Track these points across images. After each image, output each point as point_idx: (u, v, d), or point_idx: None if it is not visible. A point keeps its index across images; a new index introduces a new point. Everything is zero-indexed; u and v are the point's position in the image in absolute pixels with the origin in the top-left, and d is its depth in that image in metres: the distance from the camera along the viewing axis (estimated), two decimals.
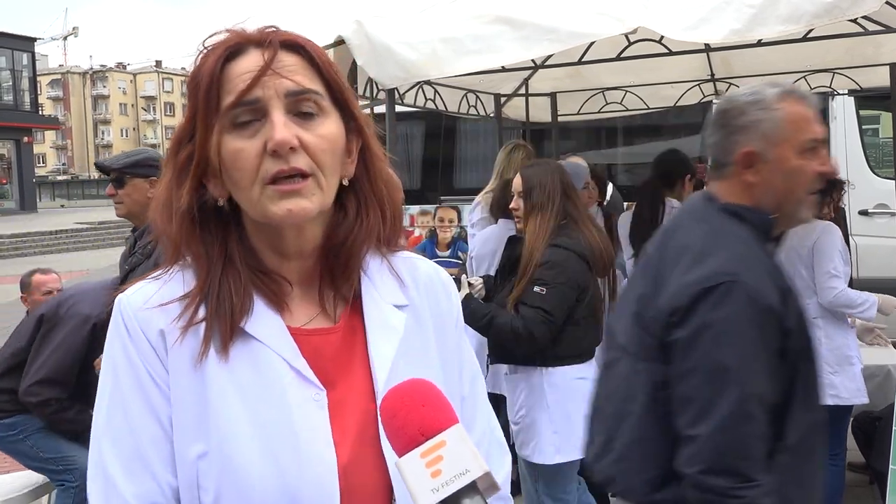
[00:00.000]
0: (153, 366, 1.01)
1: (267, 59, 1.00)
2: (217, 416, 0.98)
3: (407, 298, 1.13)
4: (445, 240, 7.85)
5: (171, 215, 1.04)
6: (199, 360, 0.99)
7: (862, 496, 4.55)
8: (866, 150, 7.17)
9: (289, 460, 0.98)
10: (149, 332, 1.01)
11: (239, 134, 1.00)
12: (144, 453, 0.99)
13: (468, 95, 5.69)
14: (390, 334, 1.09)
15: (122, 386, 1.01)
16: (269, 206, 0.99)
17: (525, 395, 3.30)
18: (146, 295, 1.04)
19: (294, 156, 0.99)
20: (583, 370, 3.27)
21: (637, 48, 4.02)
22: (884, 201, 6.88)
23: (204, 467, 0.97)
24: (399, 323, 1.10)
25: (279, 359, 1.02)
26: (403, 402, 0.88)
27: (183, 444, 0.99)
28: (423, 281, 1.17)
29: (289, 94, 1.00)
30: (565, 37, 3.04)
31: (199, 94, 1.01)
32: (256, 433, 0.98)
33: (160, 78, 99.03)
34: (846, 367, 3.69)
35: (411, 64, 3.28)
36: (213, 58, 1.02)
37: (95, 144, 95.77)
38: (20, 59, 34.80)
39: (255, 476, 0.96)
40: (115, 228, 27.11)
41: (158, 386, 1.01)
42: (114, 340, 1.03)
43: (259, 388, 1.00)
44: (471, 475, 0.82)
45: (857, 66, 5.36)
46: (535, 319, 3.13)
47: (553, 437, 3.22)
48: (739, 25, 2.72)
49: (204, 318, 1.01)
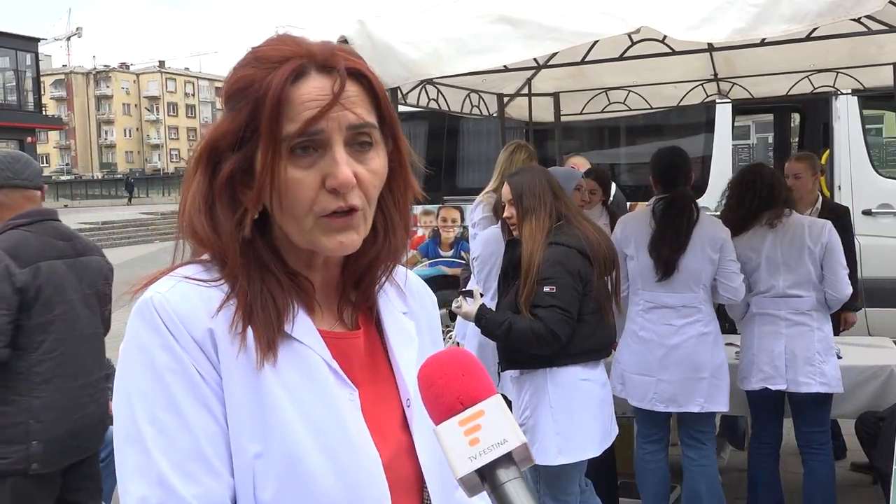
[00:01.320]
0: (201, 364, 0.97)
1: (336, 91, 0.98)
2: (273, 416, 0.97)
3: (406, 306, 1.18)
4: (448, 240, 7.86)
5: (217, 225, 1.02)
6: (259, 366, 0.98)
7: (865, 496, 4.54)
8: (870, 149, 7.17)
9: (344, 455, 0.99)
10: (194, 331, 0.98)
11: (295, 163, 0.98)
12: (203, 452, 0.95)
13: (471, 95, 5.69)
14: (409, 341, 1.13)
15: (169, 386, 0.96)
16: (321, 237, 1.01)
17: (529, 396, 3.31)
18: (184, 294, 1.00)
19: (351, 193, 0.99)
20: (588, 371, 3.27)
21: (640, 48, 4.02)
22: (887, 201, 6.88)
23: (261, 467, 0.96)
24: (412, 330, 1.15)
25: (321, 360, 1.03)
26: (443, 370, 0.89)
27: (239, 444, 0.97)
28: (416, 290, 1.22)
29: (350, 126, 0.99)
30: (568, 36, 3.04)
31: (264, 113, 0.97)
32: (310, 430, 0.98)
33: (163, 78, 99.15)
34: (830, 357, 3.79)
35: (414, 63, 3.28)
36: (279, 77, 0.97)
37: (99, 144, 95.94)
38: (24, 59, 34.86)
39: (316, 471, 0.97)
40: (120, 228, 27.18)
41: (209, 383, 0.97)
42: (150, 341, 0.97)
43: (307, 388, 1.00)
44: (508, 445, 0.83)
45: (860, 65, 5.36)
46: (555, 318, 3.15)
47: (556, 437, 3.23)
48: (743, 24, 2.72)
49: (251, 323, 1.00)
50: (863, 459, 4.62)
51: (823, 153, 7.18)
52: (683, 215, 3.76)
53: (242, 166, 1.01)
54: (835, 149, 7.08)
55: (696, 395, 3.73)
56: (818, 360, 3.74)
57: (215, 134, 1.02)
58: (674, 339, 3.75)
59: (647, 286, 3.82)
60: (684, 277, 3.73)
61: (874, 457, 4.08)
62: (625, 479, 4.66)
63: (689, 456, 3.91)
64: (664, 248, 3.74)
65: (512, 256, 3.37)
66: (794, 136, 10.07)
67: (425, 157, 8.52)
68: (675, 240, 3.72)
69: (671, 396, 3.75)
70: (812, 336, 3.78)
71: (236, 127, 1.00)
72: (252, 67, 1.00)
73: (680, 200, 3.79)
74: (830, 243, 3.78)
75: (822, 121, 7.54)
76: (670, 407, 3.78)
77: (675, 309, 3.76)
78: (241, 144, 1.00)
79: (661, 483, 3.99)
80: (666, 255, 3.73)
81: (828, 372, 3.75)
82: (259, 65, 1.00)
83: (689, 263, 3.72)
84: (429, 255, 8.00)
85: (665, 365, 3.75)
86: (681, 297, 3.76)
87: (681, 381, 3.73)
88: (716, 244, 3.73)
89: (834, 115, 7.08)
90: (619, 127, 8.16)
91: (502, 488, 0.82)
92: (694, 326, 3.74)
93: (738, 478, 4.55)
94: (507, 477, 0.83)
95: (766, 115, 12.32)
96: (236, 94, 1.01)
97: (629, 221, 4.03)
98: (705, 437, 3.88)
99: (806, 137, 8.35)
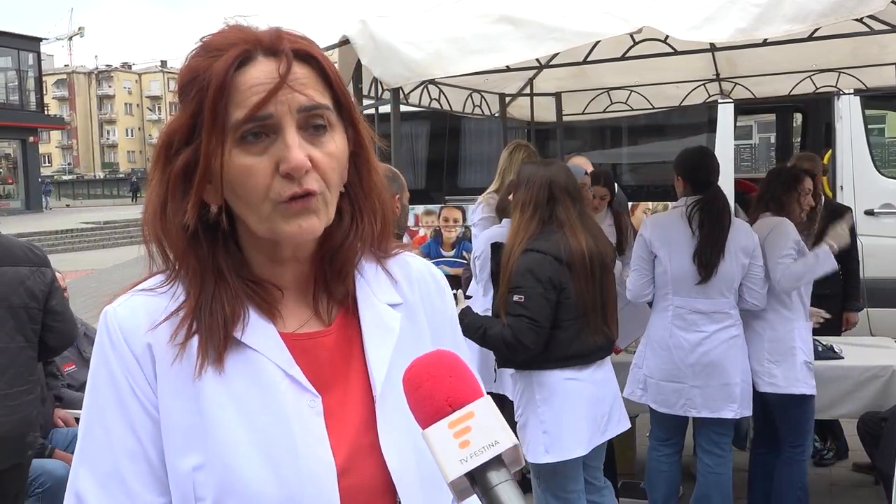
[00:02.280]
0: (137, 380, 0.98)
1: (282, 73, 0.96)
2: (213, 426, 0.96)
3: (401, 297, 1.13)
4: (450, 239, 7.85)
5: (168, 225, 1.00)
6: (198, 375, 0.97)
7: (867, 496, 4.54)
8: (872, 149, 7.15)
9: (288, 466, 0.97)
10: (134, 346, 0.99)
11: (247, 149, 0.96)
12: (122, 470, 0.97)
13: (473, 95, 5.69)
14: (386, 334, 1.08)
15: (103, 402, 0.99)
16: (280, 223, 0.98)
17: (520, 395, 3.34)
18: (133, 307, 1.01)
19: (306, 177, 0.97)
20: (576, 372, 3.24)
21: (642, 48, 4.02)
22: (889, 201, 6.87)
23: (201, 478, 0.96)
24: (395, 322, 1.09)
25: (274, 366, 1.00)
26: (430, 372, 0.87)
27: (175, 457, 0.97)
28: (416, 279, 1.16)
29: (301, 109, 0.97)
30: (570, 36, 3.03)
31: (207, 101, 0.96)
32: (254, 440, 0.96)
33: (165, 78, 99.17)
34: (788, 358, 3.75)
35: (416, 63, 3.28)
36: (222, 63, 0.95)
37: (101, 144, 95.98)
38: (26, 59, 34.90)
39: (256, 483, 0.95)
40: (122, 228, 27.18)
41: (140, 402, 0.98)
42: (98, 353, 1.01)
43: (254, 396, 0.98)
44: (500, 446, 0.82)
45: (862, 65, 5.35)
46: (521, 328, 3.13)
47: (542, 436, 3.23)
48: (745, 24, 2.71)
49: (196, 332, 0.99)
50: (864, 460, 4.62)
51: (826, 153, 7.17)
52: (725, 216, 3.71)
53: (195, 159, 0.98)
54: (837, 149, 7.07)
55: (730, 401, 3.71)
56: (766, 361, 3.75)
57: (170, 128, 1.00)
58: (706, 345, 3.70)
59: (680, 291, 3.75)
60: (719, 283, 3.69)
61: (876, 457, 4.08)
62: (625, 479, 4.66)
63: (705, 462, 3.87)
64: (707, 251, 3.66)
65: (497, 259, 3.38)
66: (797, 136, 10.06)
67: (427, 156, 8.53)
68: (717, 242, 3.67)
69: (704, 402, 3.72)
70: (762, 336, 3.79)
71: (187, 118, 0.98)
72: (199, 57, 0.98)
73: (719, 202, 3.73)
74: (769, 237, 3.77)
75: (825, 121, 7.52)
76: (703, 413, 3.75)
77: (707, 315, 3.72)
78: (192, 137, 0.98)
79: (673, 486, 3.99)
80: (708, 259, 3.66)
81: (778, 373, 3.74)
82: (205, 53, 0.98)
83: (724, 268, 3.68)
84: (430, 255, 8.00)
85: (697, 371, 3.71)
86: (713, 303, 3.71)
87: (715, 388, 3.70)
88: (748, 249, 3.70)
89: (836, 115, 7.07)
90: (621, 127, 8.15)
91: (493, 491, 0.81)
92: (727, 331, 3.71)
93: (738, 478, 4.55)
94: (498, 479, 0.81)
95: (769, 115, 12.31)
96: (186, 86, 0.99)
97: (660, 224, 3.94)
98: (724, 442, 3.86)
99: (808, 137, 8.34)
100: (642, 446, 4.23)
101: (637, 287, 3.86)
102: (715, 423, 3.80)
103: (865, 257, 6.02)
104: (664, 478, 3.96)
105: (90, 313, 11.10)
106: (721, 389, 3.70)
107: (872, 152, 7.14)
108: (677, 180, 3.89)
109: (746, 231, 3.76)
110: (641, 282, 3.84)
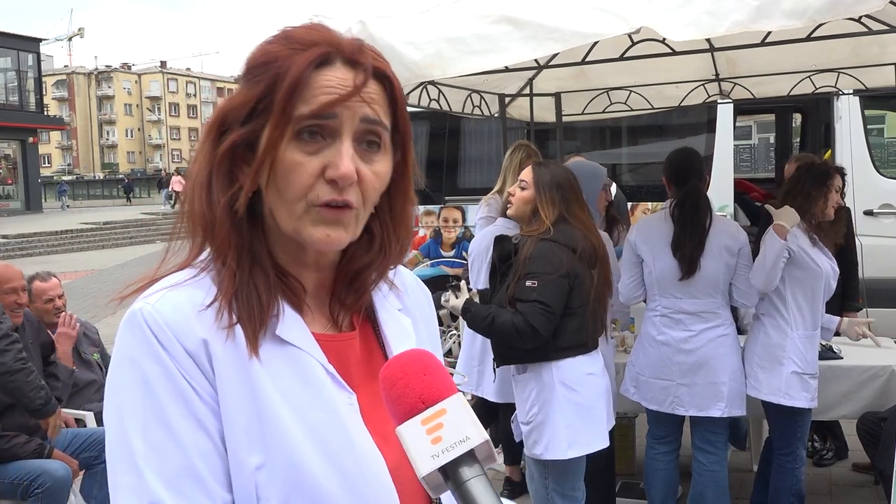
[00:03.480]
0: (194, 377, 0.94)
1: (358, 83, 0.96)
2: (271, 424, 0.95)
3: (402, 303, 1.16)
4: (450, 240, 7.84)
5: (213, 204, 0.99)
6: (249, 357, 0.96)
7: (867, 496, 4.54)
8: (871, 149, 7.16)
9: (348, 461, 0.97)
10: (187, 342, 0.95)
11: (300, 146, 0.96)
12: (195, 469, 0.92)
13: (472, 95, 5.69)
14: (406, 338, 1.11)
15: (160, 400, 0.93)
16: (308, 226, 0.98)
17: (536, 393, 3.31)
18: (175, 302, 0.97)
19: (349, 189, 0.97)
20: (590, 364, 3.30)
21: (641, 48, 4.02)
22: (889, 201, 6.88)
23: (263, 479, 0.94)
24: (410, 328, 1.13)
25: (315, 363, 1.00)
26: (405, 370, 0.89)
27: (238, 456, 0.94)
28: (411, 288, 1.20)
29: (364, 119, 0.97)
30: (569, 36, 3.04)
31: (280, 91, 0.95)
32: (311, 437, 0.96)
33: (165, 78, 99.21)
34: (775, 366, 3.74)
35: (416, 64, 3.28)
36: (304, 58, 0.96)
37: (100, 145, 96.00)
38: (25, 59, 34.90)
39: (321, 479, 0.95)
40: (121, 228, 27.19)
41: (202, 398, 0.94)
42: (141, 354, 0.94)
43: (302, 392, 0.98)
44: (471, 442, 0.83)
45: (862, 65, 5.35)
46: (534, 312, 3.16)
47: (565, 431, 3.25)
48: (742, 17, 2.72)
49: (236, 323, 0.97)
50: (864, 460, 4.62)
51: (825, 154, 7.18)
52: (699, 209, 3.74)
53: (246, 140, 0.98)
54: (836, 149, 7.08)
55: (717, 400, 3.73)
56: (755, 365, 3.76)
57: (228, 105, 1.00)
58: (692, 343, 3.74)
59: (666, 292, 3.80)
60: (703, 282, 3.72)
61: (875, 457, 4.08)
62: (625, 479, 4.66)
63: (699, 460, 3.90)
64: (686, 244, 3.71)
65: (501, 252, 3.39)
66: (796, 136, 10.07)
67: (427, 157, 8.52)
68: (695, 235, 3.70)
69: (692, 400, 3.75)
70: (756, 340, 3.81)
71: (250, 100, 0.98)
72: (279, 45, 0.98)
73: (694, 196, 3.77)
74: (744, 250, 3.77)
75: (824, 121, 7.53)
76: (691, 411, 3.77)
77: (695, 314, 3.75)
78: (250, 118, 0.98)
79: (671, 484, 4.00)
80: (689, 253, 3.70)
81: (763, 379, 3.74)
82: (286, 43, 0.98)
83: (708, 267, 3.71)
84: (430, 255, 8.00)
85: (683, 370, 3.74)
86: (700, 303, 3.75)
87: (702, 386, 3.73)
88: (733, 250, 3.73)
89: (836, 115, 7.08)
90: (621, 127, 8.16)
91: (465, 486, 0.82)
92: (714, 330, 3.74)
93: (738, 478, 4.55)
94: (470, 474, 0.83)
95: (768, 115, 12.31)
96: (257, 68, 0.99)
97: (644, 225, 3.99)
98: (718, 440, 3.88)
99: (807, 138, 8.35)
100: (642, 446, 4.23)
101: (628, 289, 3.94)
102: (708, 421, 3.82)
103: (865, 257, 6.03)
104: (661, 476, 3.97)
105: (90, 313, 11.14)
106: (708, 388, 3.72)
107: (872, 152, 7.14)
108: (666, 183, 3.98)
109: (732, 231, 3.78)
110: (632, 284, 3.92)
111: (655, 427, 4.01)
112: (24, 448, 3.80)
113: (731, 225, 3.81)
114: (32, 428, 3.89)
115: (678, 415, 3.87)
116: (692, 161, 3.93)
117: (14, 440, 3.78)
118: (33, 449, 3.83)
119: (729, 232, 3.77)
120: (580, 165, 4.09)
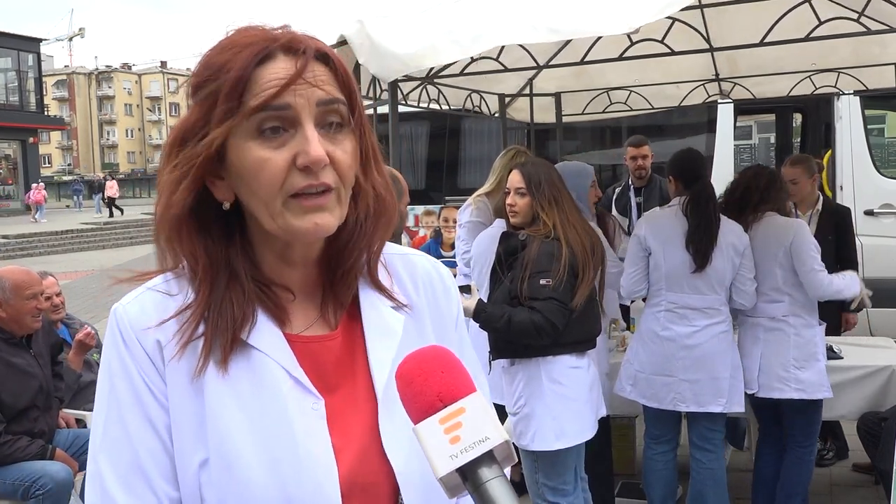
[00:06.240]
0: (150, 376, 0.99)
1: (299, 67, 0.96)
2: (216, 425, 0.97)
3: (405, 298, 1.13)
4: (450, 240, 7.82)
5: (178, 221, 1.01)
6: (198, 374, 0.98)
7: (867, 496, 4.54)
8: (871, 150, 7.16)
9: (289, 469, 0.97)
10: (145, 343, 1.00)
11: (265, 143, 0.96)
12: (143, 465, 0.98)
13: (472, 95, 5.70)
14: (389, 338, 1.08)
15: (119, 397, 0.99)
16: (293, 220, 0.98)
17: (523, 385, 3.37)
18: (142, 305, 1.02)
19: (324, 171, 0.97)
20: (578, 360, 3.36)
21: (640, 48, 4.02)
22: (889, 201, 6.88)
23: (205, 478, 0.96)
24: (398, 325, 1.09)
25: (279, 367, 1.00)
26: (422, 368, 0.87)
27: (184, 454, 0.98)
28: (422, 279, 1.16)
29: (320, 103, 0.97)
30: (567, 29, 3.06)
31: (222, 91, 0.96)
32: (256, 442, 0.97)
33: (165, 79, 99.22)
34: (812, 363, 3.77)
35: (409, 56, 3.30)
36: (242, 57, 0.96)
37: (101, 145, 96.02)
38: (26, 59, 34.93)
39: (257, 485, 0.96)
40: (122, 229, 27.19)
41: (156, 397, 0.99)
42: (110, 351, 1.01)
43: (258, 397, 0.99)
44: (490, 442, 0.81)
45: (862, 65, 5.36)
46: (552, 309, 3.21)
47: (552, 423, 3.30)
48: None
49: (203, 333, 0.99)
50: (864, 460, 4.62)
51: (825, 154, 7.18)
52: (711, 204, 3.80)
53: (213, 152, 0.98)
54: (837, 149, 7.08)
55: (718, 396, 3.75)
56: (793, 367, 3.76)
57: (183, 125, 1.00)
58: (696, 338, 3.76)
59: (674, 287, 3.81)
60: (711, 279, 3.75)
61: (876, 457, 4.08)
62: (625, 479, 4.66)
63: (697, 458, 3.91)
64: (702, 238, 3.74)
65: (507, 248, 3.40)
66: (796, 136, 10.06)
67: (427, 157, 8.54)
68: (708, 228, 3.74)
69: (693, 397, 3.76)
70: (787, 342, 3.79)
71: (202, 114, 0.98)
72: (217, 54, 0.99)
73: (706, 192, 3.83)
74: (794, 245, 3.77)
75: (824, 121, 7.53)
76: (691, 407, 3.79)
77: (700, 310, 3.78)
78: (206, 128, 0.98)
79: (670, 484, 4.00)
80: (704, 247, 3.73)
81: (805, 378, 3.75)
82: (224, 51, 0.98)
83: (717, 263, 3.75)
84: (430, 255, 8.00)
85: (687, 365, 3.76)
86: (705, 299, 3.78)
87: (704, 382, 3.74)
88: (739, 248, 3.76)
89: (836, 115, 7.08)
90: (621, 127, 8.16)
91: (484, 487, 0.80)
92: (717, 327, 3.77)
93: (738, 478, 4.54)
94: (489, 475, 0.80)
95: (768, 115, 12.29)
96: (202, 83, 0.99)
97: (654, 220, 3.99)
98: (716, 437, 3.89)
99: (808, 138, 8.35)
100: (641, 446, 4.23)
101: (630, 283, 3.94)
102: (705, 418, 3.83)
103: (865, 257, 6.02)
104: (660, 476, 3.97)
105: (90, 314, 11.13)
106: (710, 384, 3.74)
107: (872, 152, 7.14)
108: (670, 181, 4.02)
109: (737, 231, 3.81)
110: (635, 278, 3.91)
111: (653, 426, 4.01)
112: (26, 451, 3.82)
113: (735, 225, 3.83)
114: (37, 433, 3.91)
115: (676, 412, 3.88)
116: (697, 160, 4.03)
117: (16, 444, 3.79)
118: (35, 451, 3.84)
119: (735, 232, 3.80)
120: (565, 167, 4.10)
